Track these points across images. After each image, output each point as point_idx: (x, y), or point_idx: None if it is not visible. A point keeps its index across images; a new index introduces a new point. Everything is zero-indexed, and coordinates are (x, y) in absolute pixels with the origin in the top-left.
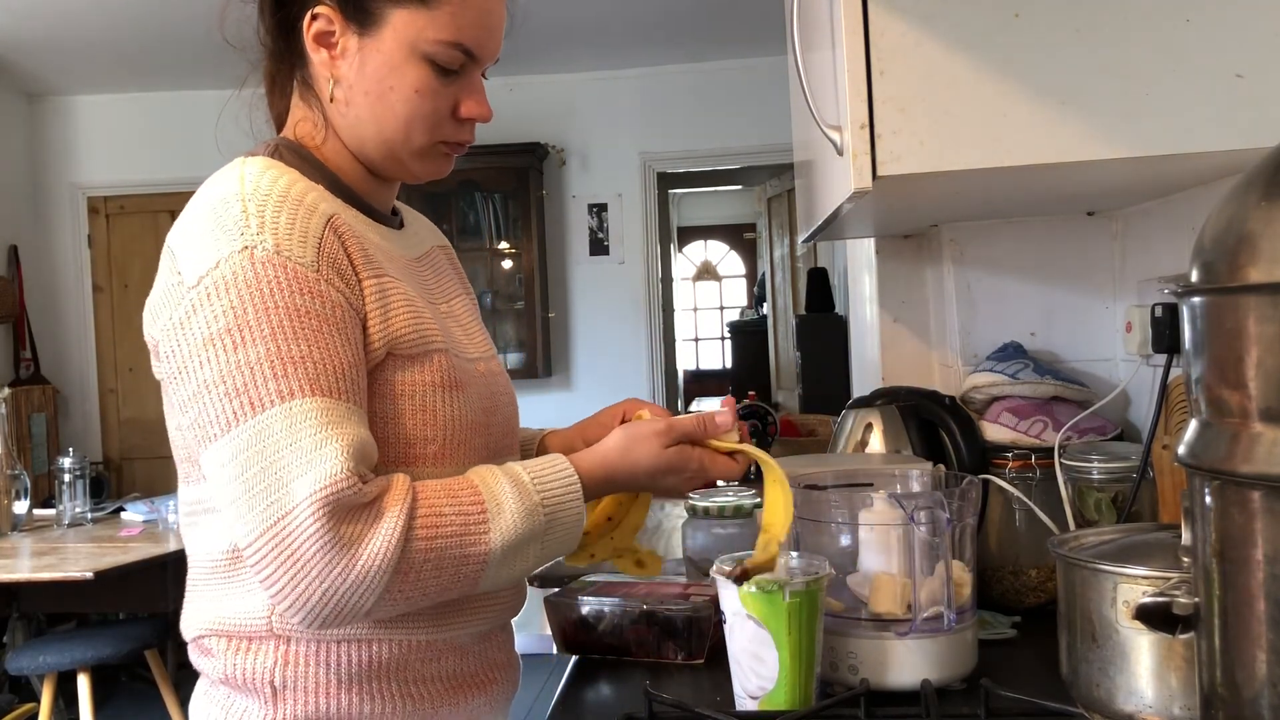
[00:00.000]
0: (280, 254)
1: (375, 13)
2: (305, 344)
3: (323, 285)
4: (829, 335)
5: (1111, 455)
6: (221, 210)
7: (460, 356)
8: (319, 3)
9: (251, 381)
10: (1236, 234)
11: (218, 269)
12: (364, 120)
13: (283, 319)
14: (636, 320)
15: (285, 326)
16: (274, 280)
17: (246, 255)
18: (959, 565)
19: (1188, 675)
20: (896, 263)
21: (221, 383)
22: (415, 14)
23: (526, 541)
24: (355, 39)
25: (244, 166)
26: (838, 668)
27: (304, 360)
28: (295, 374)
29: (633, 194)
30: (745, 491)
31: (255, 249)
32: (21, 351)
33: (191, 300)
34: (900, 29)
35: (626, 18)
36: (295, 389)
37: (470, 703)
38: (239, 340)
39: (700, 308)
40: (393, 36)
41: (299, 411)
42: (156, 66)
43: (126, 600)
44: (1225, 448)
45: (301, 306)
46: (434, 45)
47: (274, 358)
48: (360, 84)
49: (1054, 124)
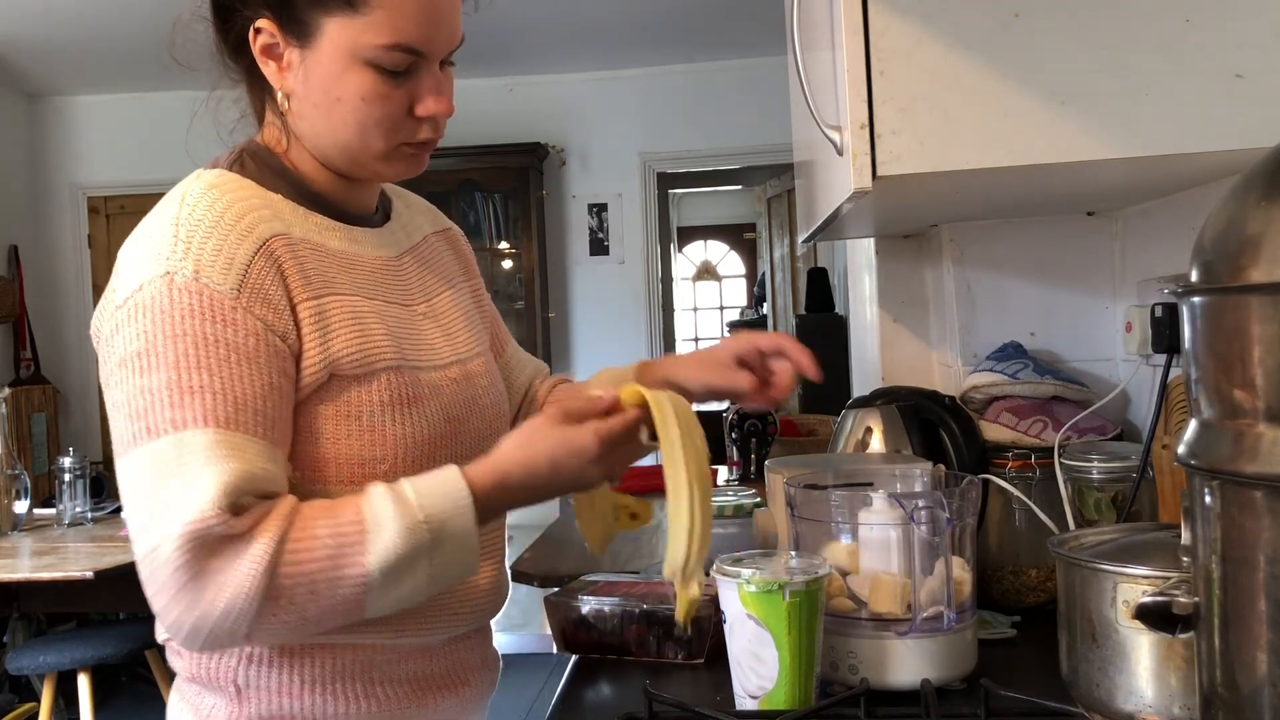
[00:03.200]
0: (199, 280)
1: (309, 24)
2: (207, 374)
3: (239, 314)
4: (829, 335)
5: (1111, 455)
6: (156, 233)
7: (422, 367)
8: (259, 17)
9: (151, 407)
10: (1236, 234)
11: (140, 291)
12: (319, 131)
13: (189, 347)
14: (636, 320)
15: (190, 355)
16: (187, 307)
17: (166, 281)
18: (959, 565)
19: (1188, 675)
20: (896, 263)
21: (127, 404)
22: (348, 21)
23: (411, 560)
24: (297, 51)
25: (191, 185)
26: (838, 667)
27: (203, 390)
28: (191, 404)
29: (633, 194)
30: (745, 491)
31: (175, 275)
32: (22, 351)
33: (116, 320)
34: (900, 29)
35: (626, 18)
36: (189, 419)
37: (439, 704)
38: (145, 365)
39: (700, 308)
40: (330, 46)
41: (189, 442)
42: (157, 66)
43: (127, 600)
44: (1225, 447)
45: (211, 335)
46: (373, 50)
47: (174, 386)
48: (308, 96)
49: (1054, 124)
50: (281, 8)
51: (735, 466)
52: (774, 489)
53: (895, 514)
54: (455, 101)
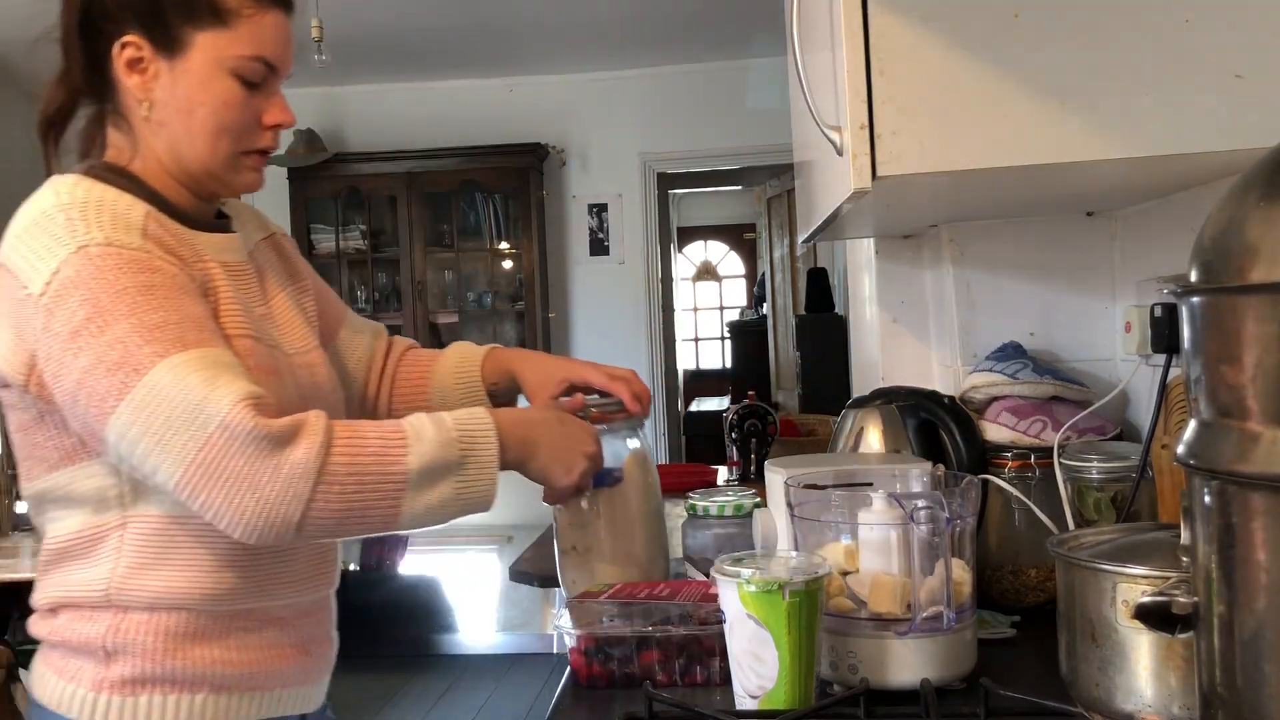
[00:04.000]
0: (111, 245)
1: (180, 38)
2: (161, 311)
3: (156, 261)
4: (829, 335)
5: (1111, 455)
6: (46, 223)
7: (276, 347)
8: (126, 33)
9: (127, 353)
10: (1236, 234)
11: (59, 273)
12: (178, 136)
13: (134, 296)
14: (636, 320)
15: (139, 301)
16: (114, 267)
17: (83, 254)
18: (959, 565)
19: (1187, 675)
20: (896, 263)
21: (100, 363)
22: (218, 34)
23: (442, 470)
24: (165, 63)
25: (55, 184)
26: (838, 667)
27: (165, 325)
28: (163, 337)
29: (633, 194)
30: (745, 491)
31: (88, 246)
32: None
33: (45, 305)
34: (900, 29)
35: (626, 18)
36: (167, 348)
37: (288, 669)
38: (102, 324)
39: (700, 308)
40: (200, 56)
41: (179, 363)
42: None
43: None
44: (1225, 447)
45: (145, 282)
46: (238, 60)
47: (139, 329)
48: (172, 102)
49: (1054, 124)
50: (153, 24)
51: (735, 466)
52: (774, 489)
53: (895, 514)
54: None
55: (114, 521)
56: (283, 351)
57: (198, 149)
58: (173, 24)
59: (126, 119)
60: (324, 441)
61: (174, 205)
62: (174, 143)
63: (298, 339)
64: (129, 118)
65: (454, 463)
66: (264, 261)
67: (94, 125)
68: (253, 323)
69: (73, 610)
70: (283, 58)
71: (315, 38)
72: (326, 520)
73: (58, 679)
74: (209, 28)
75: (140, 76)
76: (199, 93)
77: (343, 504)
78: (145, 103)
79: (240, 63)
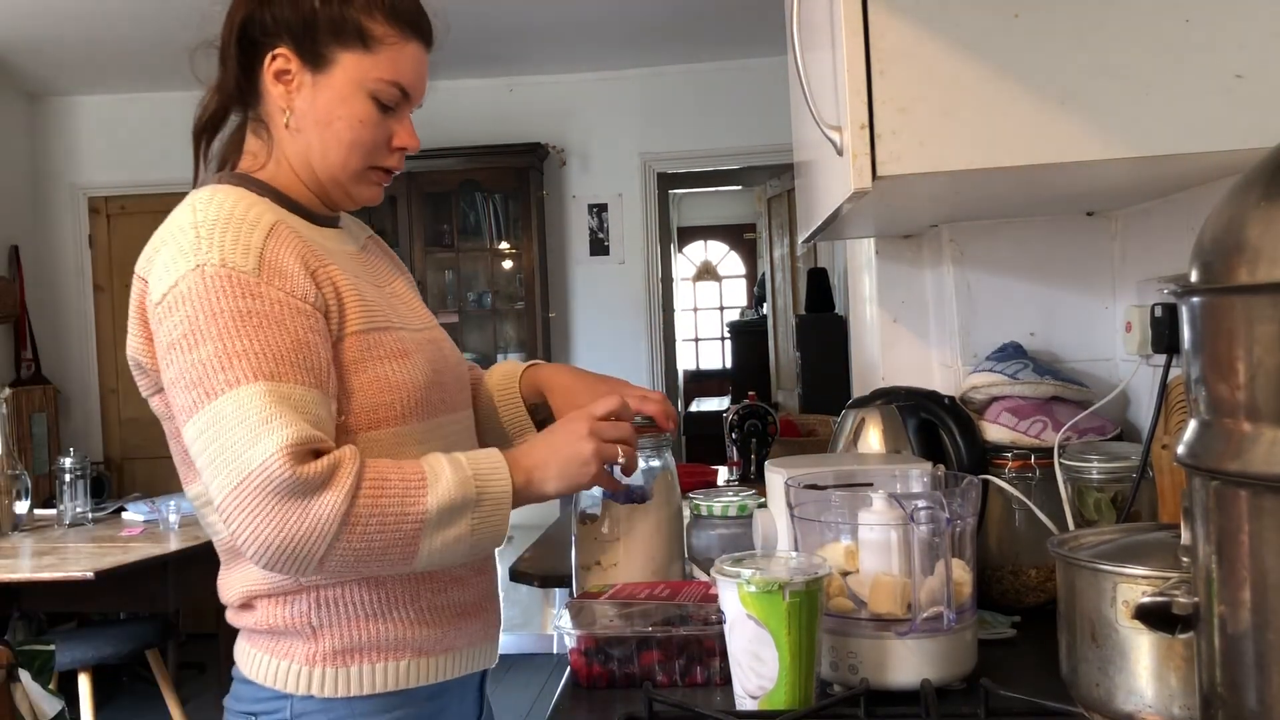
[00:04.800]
0: (225, 266)
1: (327, 56)
2: (248, 339)
3: (264, 288)
4: (829, 335)
5: (1111, 455)
6: (179, 236)
7: (406, 329)
8: (278, 46)
9: (205, 375)
10: (1236, 234)
11: (176, 287)
12: (312, 144)
13: (227, 322)
14: (636, 320)
15: (230, 327)
16: (219, 289)
17: (198, 272)
18: (959, 565)
19: (1187, 675)
20: (896, 263)
21: (182, 379)
22: (361, 57)
23: (460, 508)
24: (309, 76)
25: (193, 198)
26: (838, 667)
27: (247, 354)
28: (240, 365)
29: (633, 194)
30: (746, 491)
31: (205, 266)
32: (22, 351)
33: (158, 315)
34: (900, 29)
35: (626, 18)
36: (241, 378)
37: (469, 626)
38: (191, 343)
39: (700, 308)
40: (342, 75)
41: (245, 395)
42: (157, 66)
43: (127, 600)
44: (1225, 448)
45: (244, 309)
46: (377, 83)
47: (221, 354)
48: (311, 114)
49: (1054, 124)
50: (304, 41)
51: (735, 466)
52: (774, 489)
53: (895, 514)
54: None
55: None
56: (410, 329)
57: (330, 159)
58: (321, 42)
59: (267, 125)
60: (353, 486)
61: (302, 206)
62: (308, 151)
63: (421, 316)
64: (269, 124)
65: (470, 500)
66: (375, 254)
67: (239, 132)
68: (379, 309)
69: (266, 599)
70: (417, 86)
71: None
72: (347, 558)
73: (270, 657)
74: (354, 50)
75: (285, 86)
76: (337, 107)
77: (364, 544)
78: (287, 111)
79: (378, 85)
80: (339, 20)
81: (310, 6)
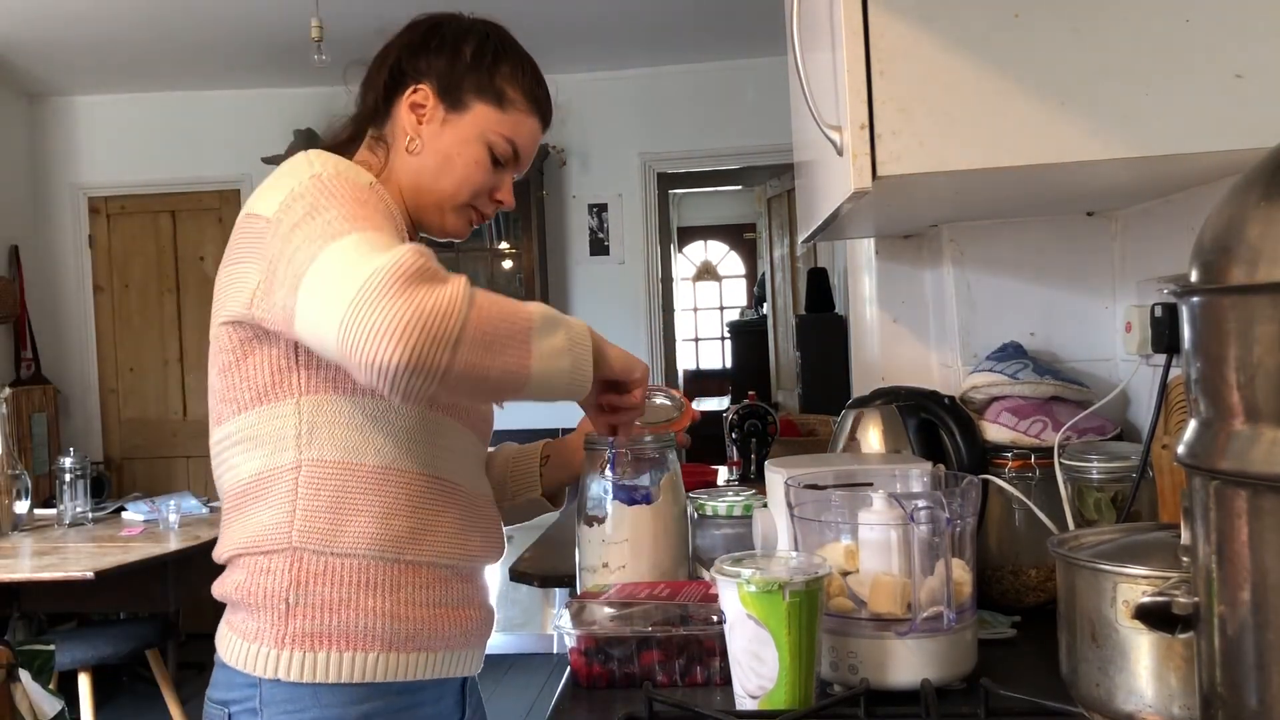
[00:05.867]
0: (340, 175)
1: (464, 101)
2: (367, 210)
3: (374, 195)
4: (829, 335)
5: (1111, 455)
6: (288, 168)
7: None
8: (421, 82)
9: (329, 227)
10: (1236, 234)
11: (292, 191)
12: (427, 168)
13: (348, 200)
14: (636, 320)
15: (350, 202)
16: (338, 186)
17: (314, 179)
18: (959, 565)
19: (1187, 675)
20: (896, 263)
21: (308, 241)
22: (491, 110)
23: (555, 323)
24: (442, 113)
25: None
26: (838, 667)
27: (369, 218)
28: (364, 222)
29: (633, 194)
30: (746, 491)
31: (320, 174)
32: (22, 351)
33: (275, 219)
34: (900, 29)
35: (626, 18)
36: (364, 226)
37: (446, 629)
38: (316, 214)
39: (700, 308)
40: (472, 120)
41: (371, 235)
42: (157, 66)
43: (127, 600)
44: (1225, 447)
45: (361, 197)
46: (498, 137)
47: (345, 216)
48: (434, 144)
49: (1054, 124)
50: (448, 85)
51: (735, 466)
52: (774, 489)
53: (895, 514)
54: None
55: (289, 464)
56: None
57: (441, 184)
58: (464, 90)
59: (386, 143)
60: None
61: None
62: (420, 173)
63: None
64: (390, 143)
65: (560, 321)
66: None
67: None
68: None
69: (251, 560)
70: (527, 153)
71: (315, 38)
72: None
73: (241, 640)
74: (488, 103)
75: (417, 116)
76: (460, 146)
77: (491, 328)
78: (411, 137)
79: (499, 140)
80: (485, 80)
81: (464, 64)
